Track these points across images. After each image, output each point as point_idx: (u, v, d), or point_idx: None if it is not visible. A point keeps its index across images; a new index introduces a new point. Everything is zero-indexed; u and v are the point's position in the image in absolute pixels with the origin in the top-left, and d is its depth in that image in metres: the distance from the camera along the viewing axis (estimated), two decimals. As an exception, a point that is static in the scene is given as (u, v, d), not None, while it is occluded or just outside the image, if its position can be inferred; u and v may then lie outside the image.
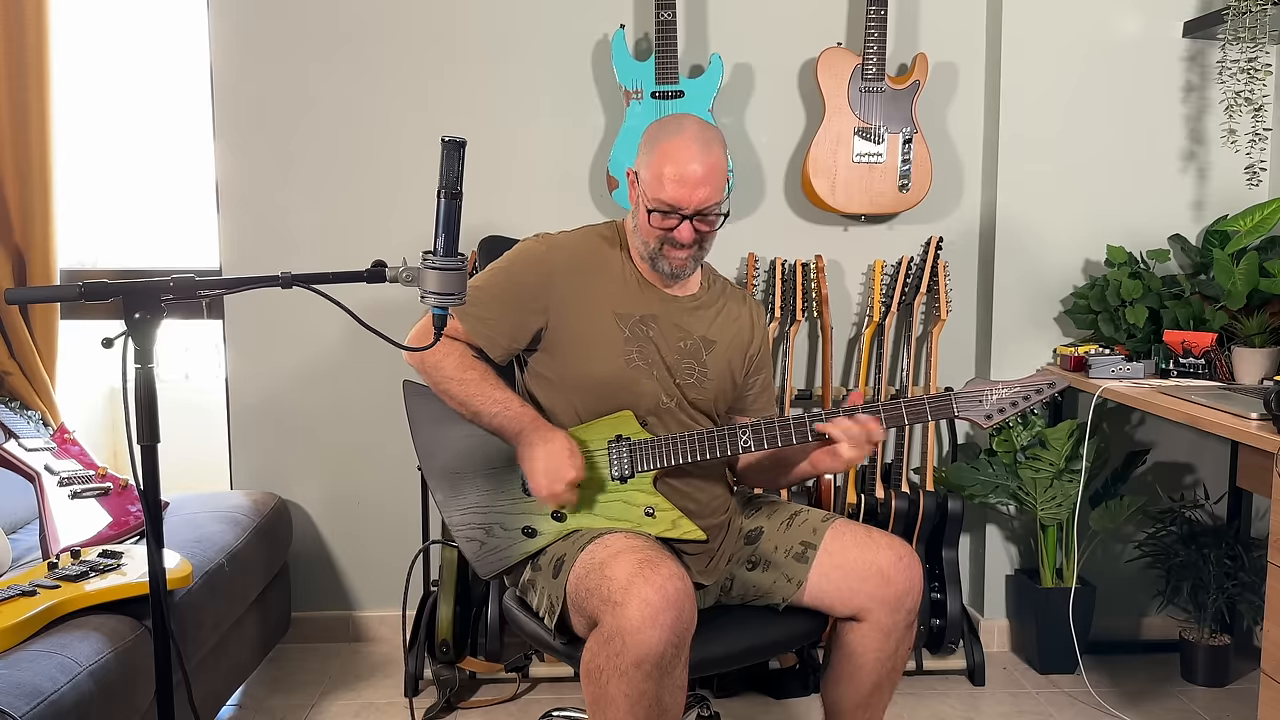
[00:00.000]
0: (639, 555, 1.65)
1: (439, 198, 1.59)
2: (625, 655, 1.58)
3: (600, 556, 1.69)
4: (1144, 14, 2.83)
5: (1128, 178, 2.87)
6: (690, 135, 1.85)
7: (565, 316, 1.90)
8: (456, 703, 2.63)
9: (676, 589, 1.61)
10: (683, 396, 1.94)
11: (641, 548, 1.70)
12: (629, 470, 1.87)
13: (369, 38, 2.87)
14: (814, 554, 1.87)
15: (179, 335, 3.55)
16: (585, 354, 1.89)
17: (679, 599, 1.61)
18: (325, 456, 2.98)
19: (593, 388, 1.90)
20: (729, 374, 2.00)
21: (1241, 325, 2.51)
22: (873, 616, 1.83)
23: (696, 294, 2.01)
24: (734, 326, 2.02)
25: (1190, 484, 2.97)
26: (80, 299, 1.42)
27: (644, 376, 1.90)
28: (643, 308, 1.93)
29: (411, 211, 2.90)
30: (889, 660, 1.86)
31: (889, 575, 1.82)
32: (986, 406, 1.84)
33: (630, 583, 1.60)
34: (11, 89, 2.75)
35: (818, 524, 1.92)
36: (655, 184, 1.85)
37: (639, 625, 1.57)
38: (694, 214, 1.85)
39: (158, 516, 1.48)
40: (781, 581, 1.89)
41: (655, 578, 1.60)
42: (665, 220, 1.86)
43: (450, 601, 2.67)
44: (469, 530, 1.90)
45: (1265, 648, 1.91)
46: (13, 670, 1.68)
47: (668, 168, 1.83)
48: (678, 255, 1.89)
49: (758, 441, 1.86)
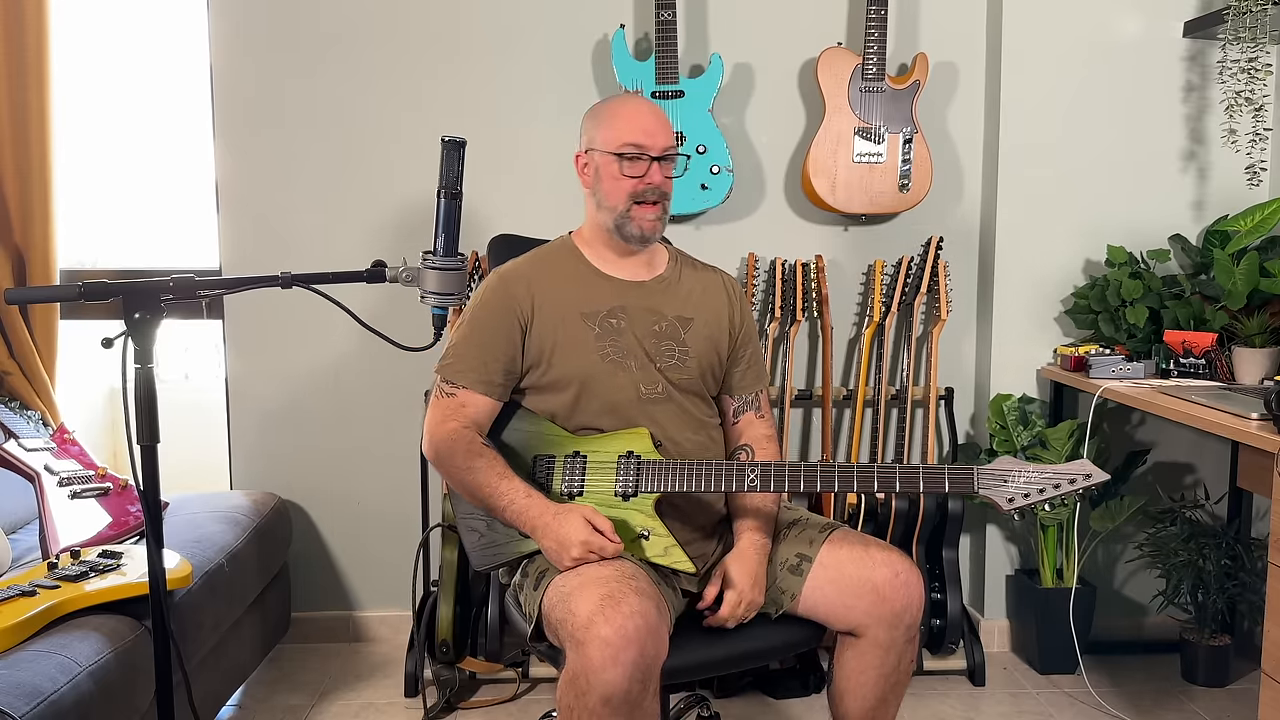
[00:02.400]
0: (603, 590, 1.62)
1: (439, 197, 1.59)
2: (590, 694, 1.56)
3: (569, 586, 1.67)
4: (1144, 14, 2.83)
5: (1128, 178, 2.87)
6: (628, 95, 1.97)
7: (537, 328, 1.90)
8: (456, 703, 2.63)
9: (637, 627, 1.57)
10: (668, 382, 1.91)
11: (608, 580, 1.65)
12: (633, 489, 1.85)
13: (369, 38, 2.87)
14: (809, 567, 1.84)
15: (179, 335, 3.55)
16: (561, 358, 1.88)
17: (639, 636, 1.57)
18: (325, 456, 2.98)
19: (572, 389, 1.89)
20: (712, 349, 1.98)
21: (1242, 325, 2.51)
22: (870, 633, 1.80)
23: (664, 274, 1.99)
24: (710, 300, 2.01)
25: (1190, 484, 2.97)
26: (80, 299, 1.42)
27: (619, 370, 1.89)
28: (609, 301, 1.92)
29: (411, 211, 2.90)
30: (891, 675, 1.83)
31: (884, 594, 1.78)
32: (1010, 489, 1.75)
33: (590, 621, 1.57)
34: (11, 89, 2.75)
35: (815, 535, 1.89)
36: (616, 134, 1.89)
37: (600, 665, 1.55)
38: (660, 156, 1.88)
39: (158, 516, 1.48)
40: (775, 594, 1.86)
41: (615, 616, 1.56)
42: (635, 166, 1.87)
43: (450, 601, 2.67)
44: (472, 520, 1.91)
45: (1265, 648, 1.91)
46: (13, 670, 1.68)
47: (624, 119, 1.89)
48: (647, 216, 1.89)
49: (764, 483, 1.82)
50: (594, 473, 1.86)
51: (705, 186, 2.78)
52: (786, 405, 2.84)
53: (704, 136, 2.77)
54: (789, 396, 2.84)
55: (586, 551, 1.71)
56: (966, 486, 1.77)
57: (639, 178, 1.88)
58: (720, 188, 2.79)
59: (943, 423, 2.97)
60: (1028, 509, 1.70)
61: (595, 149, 1.92)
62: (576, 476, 1.87)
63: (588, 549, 1.71)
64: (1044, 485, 1.73)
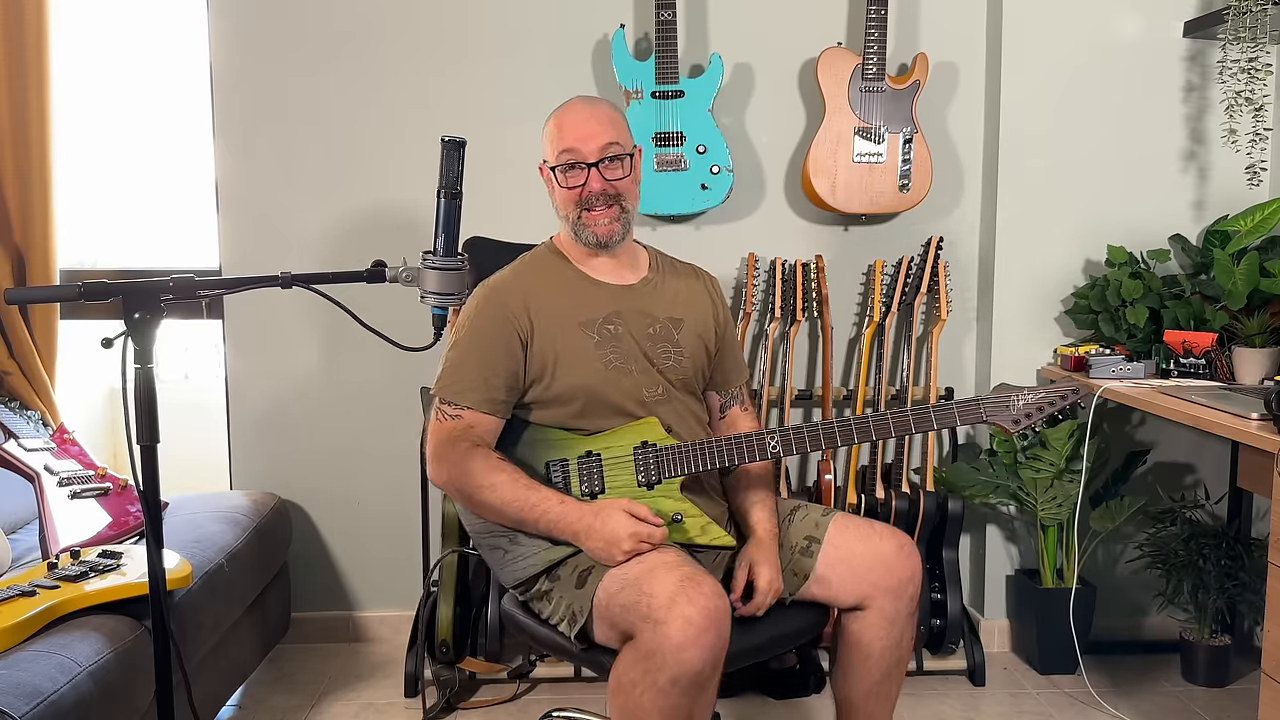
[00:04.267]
0: (679, 572, 1.65)
1: (439, 197, 1.59)
2: (664, 672, 1.58)
3: (635, 572, 1.68)
4: (1144, 14, 2.83)
5: (1128, 177, 2.87)
6: (577, 100, 1.96)
7: (537, 341, 1.89)
8: (456, 703, 2.63)
9: (718, 607, 1.61)
10: (667, 382, 1.94)
11: (679, 563, 1.69)
12: (655, 476, 1.86)
13: (369, 38, 2.87)
14: (819, 547, 1.89)
15: (179, 335, 3.54)
16: (564, 370, 1.89)
17: (719, 618, 1.61)
18: (325, 456, 2.98)
19: (578, 400, 1.89)
20: (702, 347, 2.02)
21: (1242, 325, 2.51)
22: (876, 604, 1.86)
23: (649, 276, 2.01)
24: (696, 300, 2.04)
25: (1190, 484, 2.97)
26: (80, 299, 1.42)
27: (623, 375, 1.90)
28: (604, 308, 1.94)
29: (411, 211, 2.90)
30: (895, 649, 1.89)
31: (892, 564, 1.86)
32: (1014, 413, 1.88)
33: (673, 600, 1.59)
34: (11, 89, 2.75)
35: (819, 518, 1.94)
36: (554, 144, 1.91)
37: (681, 644, 1.57)
38: (598, 160, 1.88)
39: (157, 517, 1.48)
40: (788, 576, 1.90)
41: (699, 596, 1.59)
42: (573, 176, 1.88)
43: (450, 602, 2.66)
44: (493, 539, 1.90)
45: (1265, 648, 1.91)
46: (13, 670, 1.68)
47: (561, 128, 1.91)
48: (599, 219, 1.90)
49: (786, 446, 1.89)
50: (611, 469, 1.87)
51: (705, 186, 2.78)
52: (787, 405, 2.84)
53: (704, 136, 2.77)
54: (789, 396, 2.84)
55: (637, 543, 1.73)
56: (975, 416, 1.89)
57: (579, 186, 1.89)
58: (720, 188, 2.79)
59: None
60: (1031, 428, 1.89)
61: (546, 161, 1.95)
62: (595, 476, 1.87)
63: (637, 540, 1.73)
64: (1042, 404, 1.88)
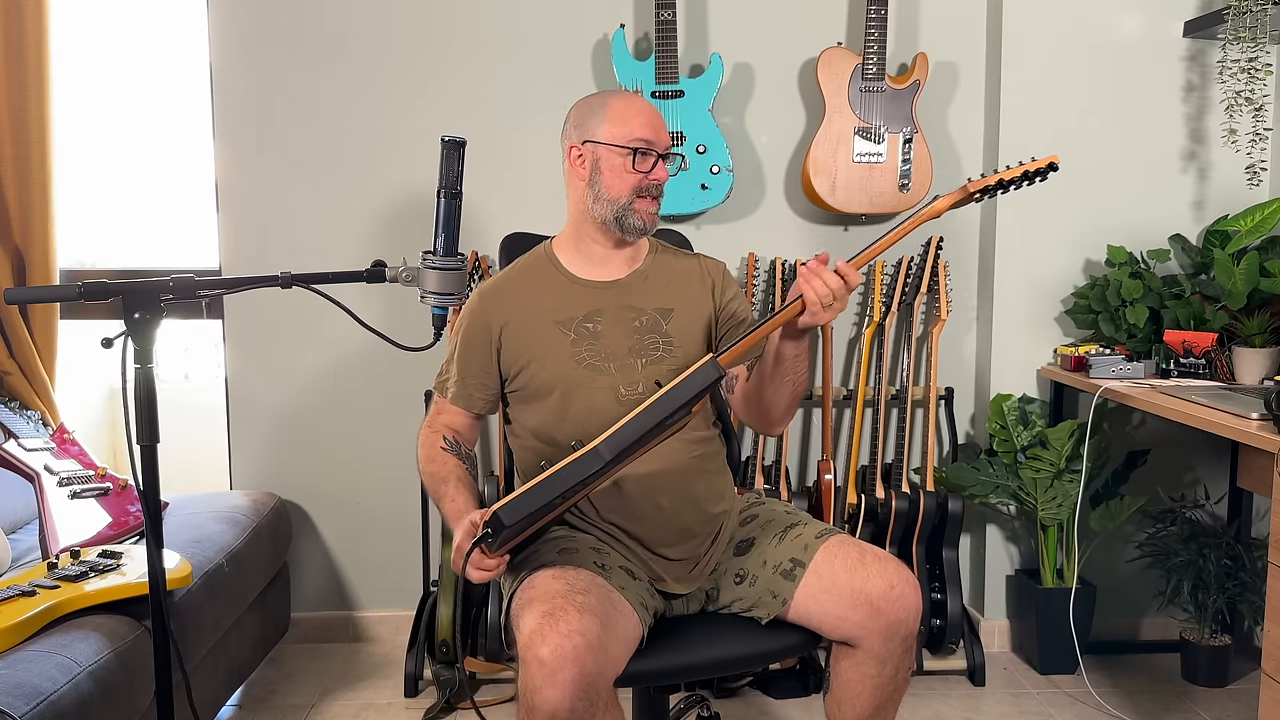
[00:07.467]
0: (545, 606, 1.60)
1: (439, 197, 1.59)
2: (535, 713, 1.57)
3: (521, 600, 1.68)
4: (1144, 14, 2.83)
5: (1128, 177, 2.87)
6: (626, 92, 1.97)
7: (509, 342, 1.93)
8: (456, 703, 2.63)
9: (575, 645, 1.55)
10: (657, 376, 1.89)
11: (554, 595, 1.63)
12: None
13: (369, 37, 2.87)
14: (802, 573, 1.79)
15: (179, 335, 3.55)
16: (538, 367, 1.90)
17: (577, 655, 1.55)
18: (325, 456, 2.98)
19: (554, 395, 1.89)
20: (700, 330, 1.97)
21: (1242, 325, 2.51)
22: (865, 644, 1.76)
23: (641, 268, 2.00)
24: (688, 287, 2.00)
25: (1190, 484, 2.97)
26: (80, 299, 1.42)
27: (598, 374, 1.89)
28: (584, 306, 1.94)
29: (411, 211, 2.89)
30: (888, 685, 1.80)
31: (879, 606, 1.73)
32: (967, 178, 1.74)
33: (530, 640, 1.57)
34: (11, 89, 2.75)
35: (810, 540, 1.84)
36: (627, 129, 1.90)
37: (538, 685, 1.55)
38: (666, 153, 1.93)
39: (157, 516, 1.48)
40: (766, 598, 1.82)
41: (552, 635, 1.55)
42: (644, 161, 1.90)
43: (450, 601, 2.66)
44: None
45: (1265, 648, 1.91)
46: (13, 670, 1.68)
47: (634, 116, 1.91)
48: (649, 209, 1.93)
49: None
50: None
51: (705, 186, 2.78)
52: (786, 405, 2.84)
53: (704, 136, 2.77)
54: (789, 396, 2.84)
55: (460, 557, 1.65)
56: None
57: (647, 173, 1.90)
58: (720, 188, 2.79)
59: (943, 423, 2.97)
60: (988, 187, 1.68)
61: (597, 141, 1.92)
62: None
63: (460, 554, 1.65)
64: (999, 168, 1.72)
